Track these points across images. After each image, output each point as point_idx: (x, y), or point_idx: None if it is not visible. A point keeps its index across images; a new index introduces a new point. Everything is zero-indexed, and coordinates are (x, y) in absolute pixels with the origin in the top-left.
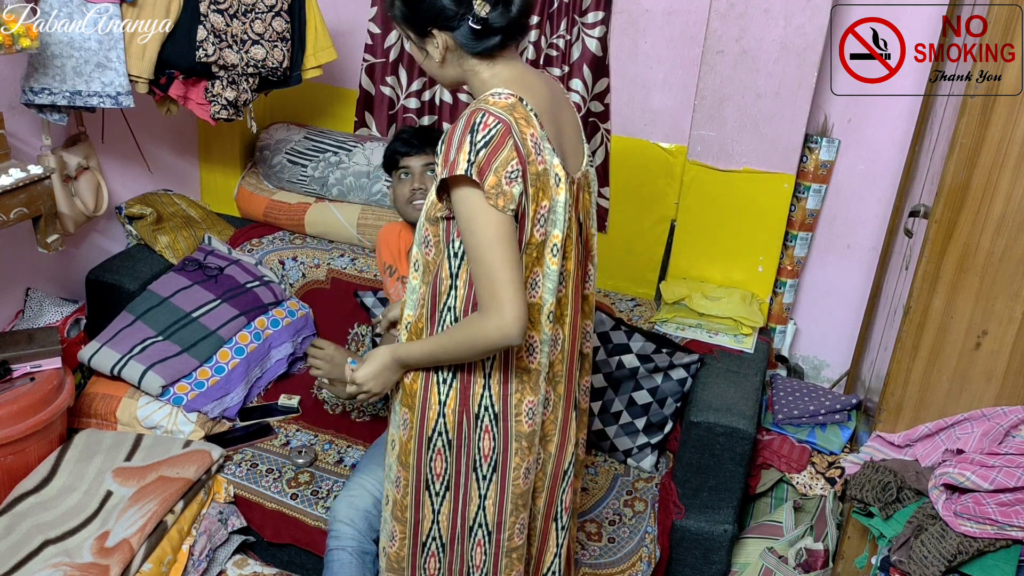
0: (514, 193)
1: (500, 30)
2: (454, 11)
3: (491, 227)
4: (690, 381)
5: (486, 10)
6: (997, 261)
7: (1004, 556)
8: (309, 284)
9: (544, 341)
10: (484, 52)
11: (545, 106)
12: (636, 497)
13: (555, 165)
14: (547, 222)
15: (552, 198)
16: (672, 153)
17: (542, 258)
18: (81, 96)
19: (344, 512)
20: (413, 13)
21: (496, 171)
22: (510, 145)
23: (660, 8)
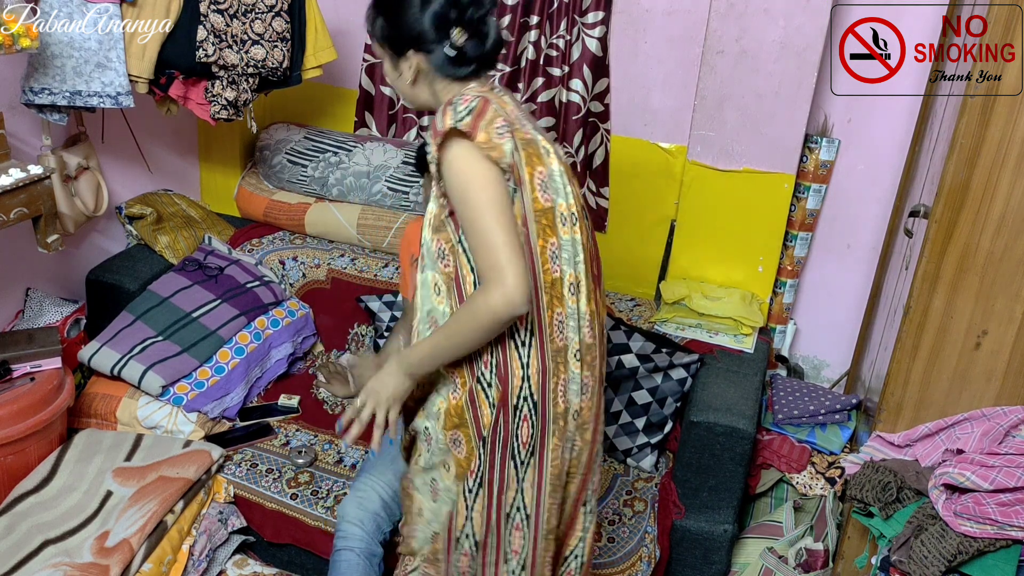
0: (505, 148)
1: (473, 60)
2: (433, 37)
3: (485, 189)
4: (690, 381)
5: (462, 40)
6: (997, 261)
7: (1004, 556)
8: (309, 284)
9: (569, 315)
10: (455, 78)
11: (512, 107)
12: (636, 497)
13: (541, 140)
14: (549, 189)
15: (548, 166)
16: (672, 153)
17: (554, 227)
18: (81, 96)
19: (353, 513)
20: (394, 33)
21: (485, 129)
22: (493, 109)
23: (660, 8)
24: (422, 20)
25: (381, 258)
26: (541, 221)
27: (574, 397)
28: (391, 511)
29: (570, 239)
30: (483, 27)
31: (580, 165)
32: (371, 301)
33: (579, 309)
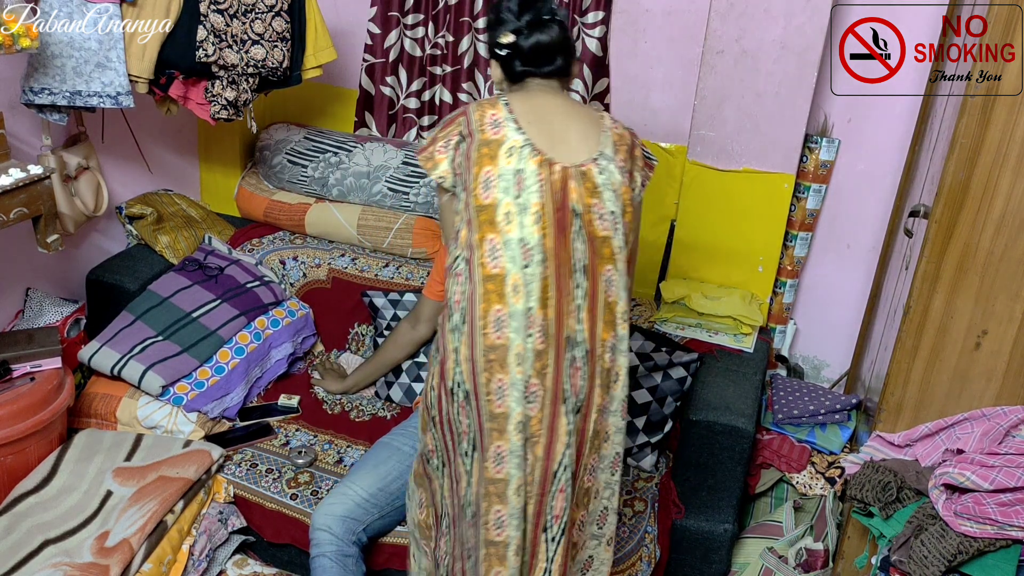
0: (442, 162)
1: (523, 59)
2: (494, 41)
3: (440, 206)
4: (690, 380)
5: (508, 39)
6: (997, 261)
7: (1004, 556)
8: (310, 284)
9: (512, 315)
10: (515, 78)
11: (536, 108)
12: (636, 497)
13: (514, 139)
14: (493, 187)
15: (500, 165)
16: (672, 153)
17: (494, 223)
18: (81, 96)
19: (321, 520)
20: (486, 42)
21: (435, 140)
22: (458, 122)
23: (660, 8)
24: (488, 28)
25: (382, 258)
26: (481, 217)
27: (515, 404)
28: (367, 511)
29: (515, 236)
30: (532, 30)
31: None
32: (376, 297)
33: (524, 310)
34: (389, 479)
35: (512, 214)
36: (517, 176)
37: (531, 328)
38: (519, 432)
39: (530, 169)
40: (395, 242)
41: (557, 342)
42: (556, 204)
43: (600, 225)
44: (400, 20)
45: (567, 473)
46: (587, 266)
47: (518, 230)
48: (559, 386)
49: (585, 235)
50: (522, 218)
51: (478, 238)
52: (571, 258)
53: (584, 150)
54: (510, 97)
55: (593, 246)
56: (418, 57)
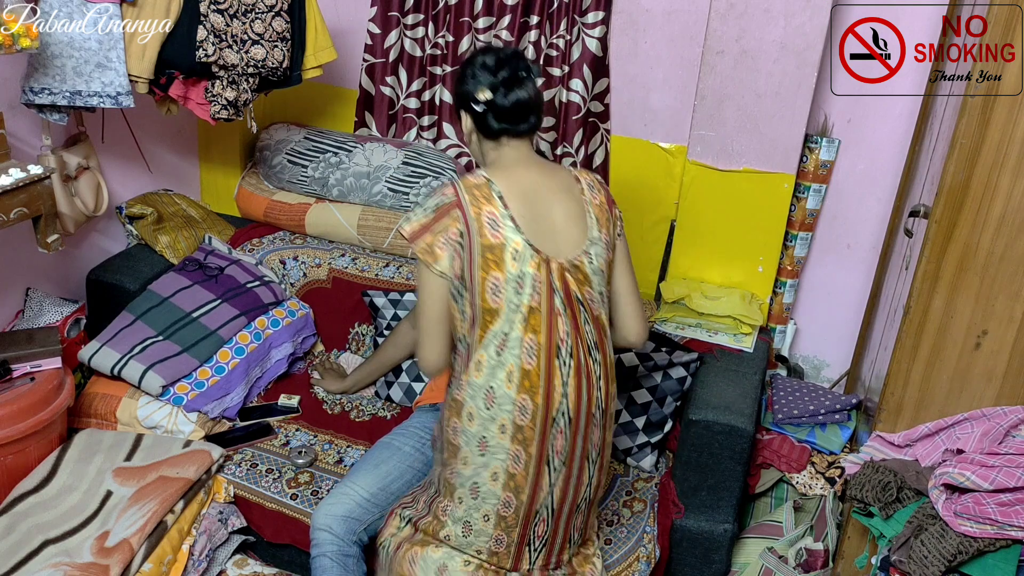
0: (442, 257)
1: (500, 116)
2: (469, 95)
3: (423, 282)
4: (689, 380)
5: (486, 95)
6: (997, 261)
7: (1004, 556)
8: (310, 283)
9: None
10: (491, 135)
11: (523, 191)
12: (635, 497)
13: (515, 242)
14: (501, 292)
15: (507, 271)
16: (672, 153)
17: (495, 322)
18: (81, 96)
19: (322, 520)
20: (454, 95)
21: (433, 232)
22: (454, 215)
23: (660, 8)
24: (463, 82)
25: (382, 258)
26: (485, 318)
27: (507, 416)
28: (367, 511)
29: (518, 336)
30: (510, 86)
31: (580, 165)
32: (376, 296)
33: (530, 404)
34: (390, 479)
35: (504, 317)
36: (519, 280)
37: (524, 415)
38: (517, 442)
39: (529, 273)
40: (395, 242)
41: (544, 424)
42: (560, 298)
43: (594, 307)
44: (400, 20)
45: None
46: (597, 343)
47: (502, 326)
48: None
49: (591, 318)
50: (514, 317)
51: (479, 333)
52: (586, 342)
53: (574, 238)
54: (493, 175)
55: (597, 326)
56: (418, 57)
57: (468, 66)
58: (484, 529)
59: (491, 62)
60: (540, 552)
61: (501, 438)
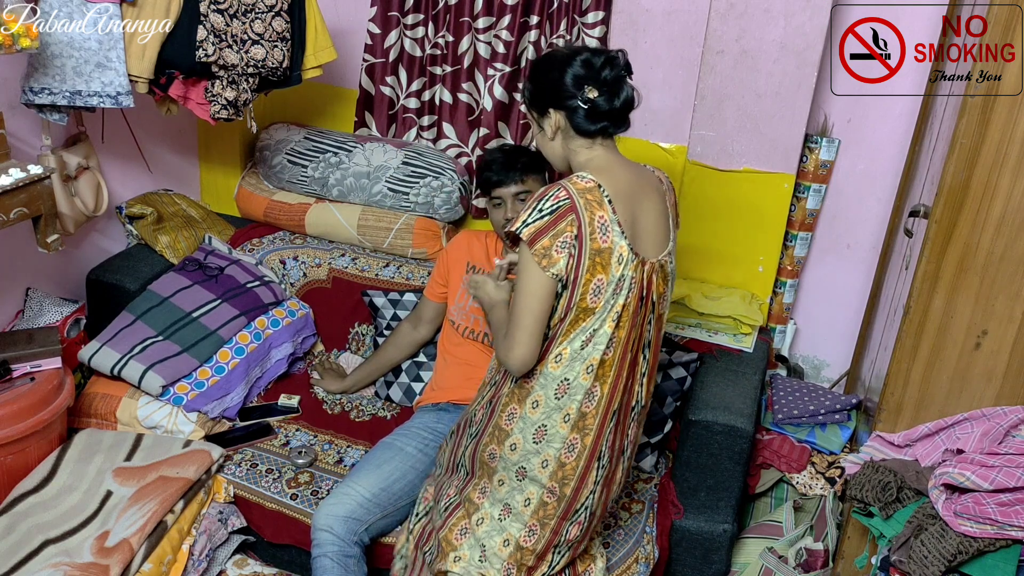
0: (559, 260)
1: (604, 115)
2: (570, 92)
3: (531, 281)
4: (689, 380)
5: (594, 95)
6: (997, 261)
7: (1004, 556)
8: (310, 283)
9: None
10: (587, 134)
11: (624, 193)
12: (635, 498)
13: (621, 247)
14: (601, 293)
15: (611, 274)
16: (672, 153)
17: (588, 319)
18: (81, 96)
19: (323, 520)
20: (536, 92)
21: (552, 236)
22: (570, 219)
23: (660, 8)
24: (562, 80)
25: (382, 257)
26: (577, 314)
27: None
28: (369, 511)
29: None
30: (615, 86)
31: None
32: (376, 296)
33: (598, 392)
34: (392, 479)
35: (599, 314)
36: (619, 282)
37: (589, 400)
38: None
39: (628, 276)
40: (395, 242)
41: (605, 411)
42: (639, 298)
43: (661, 306)
44: (400, 20)
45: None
46: (651, 341)
47: (592, 322)
48: (598, 448)
49: (654, 318)
50: (607, 316)
51: (568, 329)
52: (641, 339)
53: (662, 239)
54: (599, 178)
55: (657, 326)
56: (418, 57)
57: (565, 62)
58: (522, 514)
59: (597, 61)
60: (564, 555)
61: (563, 427)
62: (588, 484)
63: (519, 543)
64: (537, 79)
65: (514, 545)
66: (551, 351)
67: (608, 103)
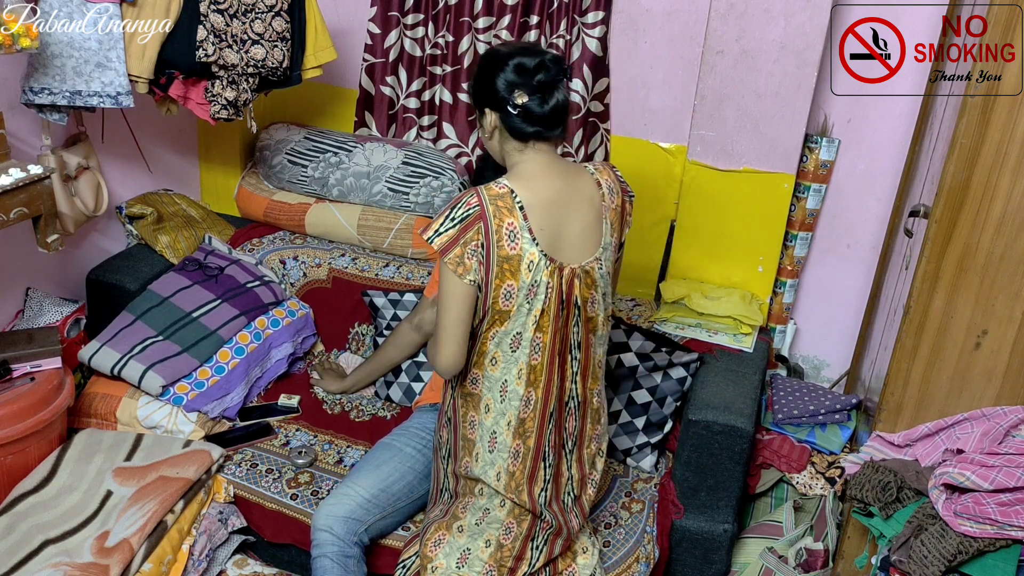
0: (472, 266)
1: (534, 119)
2: (503, 96)
3: (451, 287)
4: (689, 380)
5: (524, 99)
6: (997, 261)
7: (1004, 556)
8: (310, 283)
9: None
10: (520, 136)
11: (546, 200)
12: (635, 498)
13: (531, 253)
14: (513, 298)
15: (521, 280)
16: (672, 153)
17: (505, 322)
18: (81, 96)
19: (323, 521)
20: (475, 91)
21: (462, 244)
22: (477, 228)
23: (660, 8)
24: (495, 82)
25: (382, 257)
26: (494, 318)
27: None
28: (368, 512)
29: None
30: (547, 91)
31: None
32: (376, 296)
33: (534, 396)
34: (391, 480)
35: (516, 319)
36: (532, 287)
37: (527, 407)
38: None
39: (543, 282)
40: (395, 242)
41: (543, 415)
42: (559, 302)
43: (591, 309)
44: (400, 20)
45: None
46: (580, 342)
47: (513, 325)
48: (541, 447)
49: (581, 320)
50: (527, 319)
51: (486, 330)
52: (567, 341)
53: (588, 246)
54: (516, 184)
55: (587, 327)
56: (418, 57)
57: (500, 63)
58: (498, 515)
59: (530, 64)
60: (542, 550)
61: (507, 434)
62: (539, 482)
63: (500, 541)
64: (477, 78)
65: (495, 544)
66: (486, 354)
67: (539, 107)
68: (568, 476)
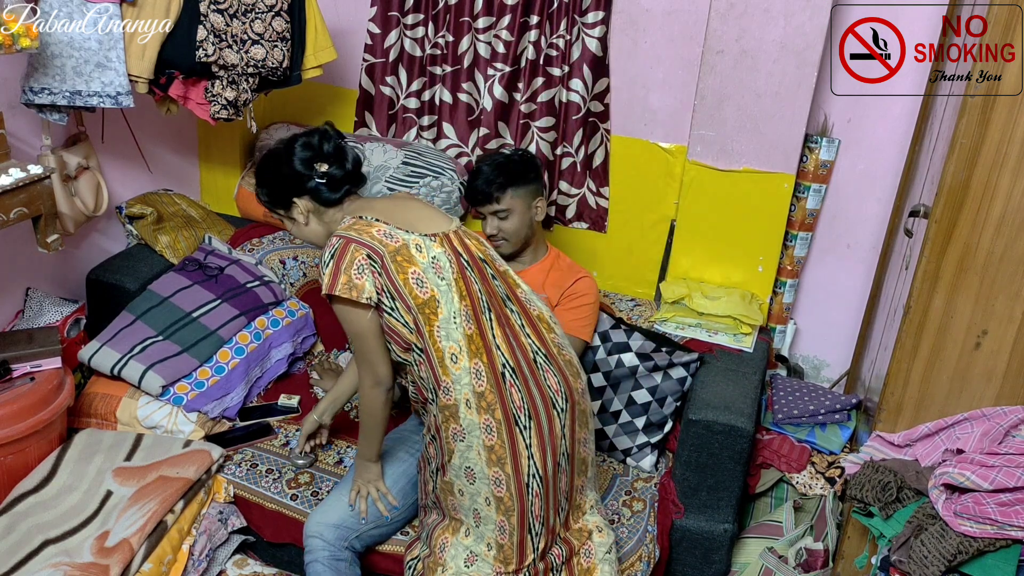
0: (364, 284)
1: (342, 180)
2: (305, 174)
3: (354, 322)
4: (689, 380)
5: (325, 167)
6: (997, 261)
7: (1004, 556)
8: (310, 283)
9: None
10: (334, 203)
11: (386, 208)
12: (635, 497)
13: (413, 239)
14: (426, 281)
15: (420, 261)
16: (672, 153)
17: (437, 311)
18: (81, 96)
19: (313, 527)
20: (276, 191)
21: (345, 271)
22: (352, 248)
23: (660, 8)
24: (292, 169)
25: None
26: (425, 311)
27: (468, 388)
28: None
29: (449, 315)
30: (340, 154)
31: (580, 165)
32: None
33: (481, 364)
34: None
35: (443, 298)
36: (434, 262)
37: (479, 379)
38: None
39: (438, 252)
40: None
41: (496, 381)
42: (465, 259)
43: (499, 264)
44: (400, 20)
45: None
46: (507, 294)
47: (447, 308)
48: (509, 414)
49: (496, 272)
50: (451, 296)
51: (428, 330)
52: (493, 296)
53: (442, 219)
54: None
55: (505, 279)
56: (418, 57)
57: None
58: (489, 515)
59: (314, 140)
60: (540, 535)
61: (469, 414)
62: (521, 452)
63: (498, 542)
64: (269, 181)
65: (495, 546)
66: (444, 354)
67: (341, 170)
68: (562, 434)
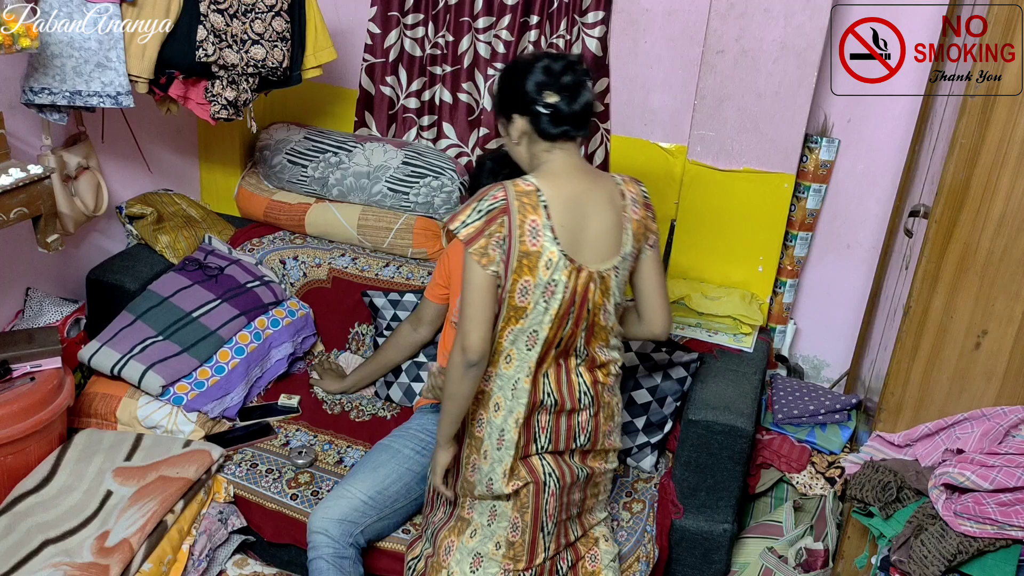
0: (495, 257)
1: (565, 119)
2: (532, 98)
3: (473, 277)
4: (689, 380)
5: (554, 99)
6: (997, 261)
7: (1004, 556)
8: (310, 283)
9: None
10: (549, 137)
11: (569, 199)
12: (635, 498)
13: (551, 252)
14: (529, 294)
15: (539, 277)
16: (672, 153)
17: (520, 320)
18: (81, 96)
19: (318, 523)
20: (502, 98)
21: (487, 236)
22: (501, 221)
23: (660, 8)
24: (524, 86)
25: (382, 257)
26: (510, 314)
27: (522, 409)
28: (364, 514)
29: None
30: (575, 91)
31: None
32: (376, 297)
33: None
34: (388, 481)
35: (532, 318)
36: (549, 286)
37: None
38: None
39: (561, 281)
40: (395, 242)
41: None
42: (576, 301)
43: (603, 317)
44: (400, 20)
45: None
46: (584, 345)
47: (529, 322)
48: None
49: (588, 325)
50: (544, 317)
51: (502, 325)
52: (575, 342)
53: (607, 250)
54: (542, 183)
55: (593, 331)
56: (418, 57)
57: (527, 68)
58: (505, 511)
59: (557, 67)
60: (552, 536)
61: (514, 431)
62: (536, 463)
63: (509, 539)
64: (502, 87)
65: (505, 544)
66: (501, 351)
67: (568, 107)
68: (575, 431)
